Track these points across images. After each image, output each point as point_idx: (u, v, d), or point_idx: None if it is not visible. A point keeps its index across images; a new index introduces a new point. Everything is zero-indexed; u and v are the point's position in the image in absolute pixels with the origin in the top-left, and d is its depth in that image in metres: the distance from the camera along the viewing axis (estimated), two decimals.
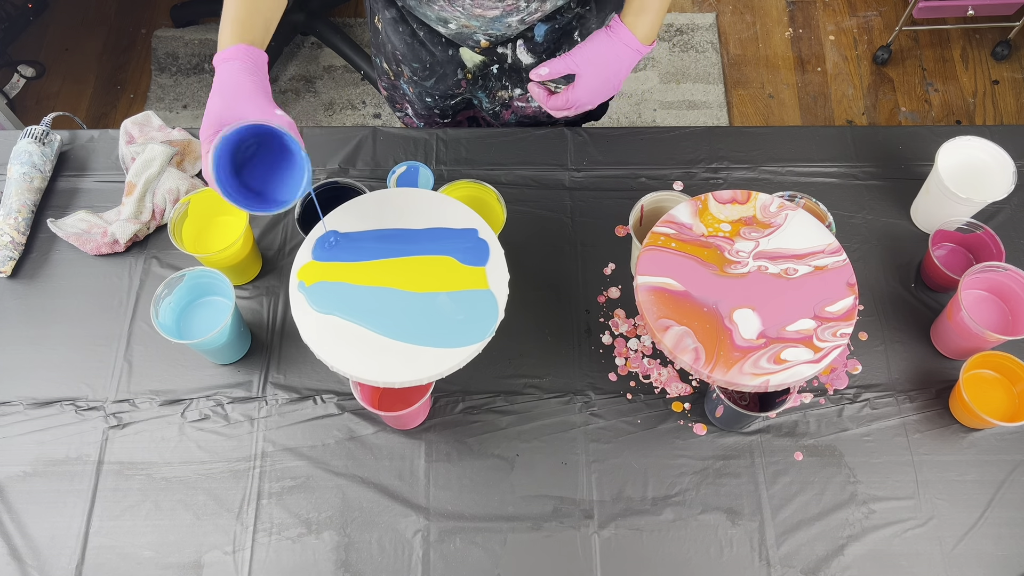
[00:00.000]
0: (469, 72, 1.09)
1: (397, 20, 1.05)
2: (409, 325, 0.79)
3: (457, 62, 1.07)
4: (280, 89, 2.23)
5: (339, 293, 0.80)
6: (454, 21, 0.97)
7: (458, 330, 0.79)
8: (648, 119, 2.18)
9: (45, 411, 0.92)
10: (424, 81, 1.11)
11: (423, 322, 0.79)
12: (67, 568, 0.84)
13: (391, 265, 0.82)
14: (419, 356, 0.77)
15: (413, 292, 0.81)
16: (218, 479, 0.88)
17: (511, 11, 0.93)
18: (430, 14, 0.98)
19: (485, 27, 0.97)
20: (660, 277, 0.83)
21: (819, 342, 0.79)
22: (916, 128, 1.11)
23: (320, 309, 0.79)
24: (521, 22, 0.97)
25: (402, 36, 1.06)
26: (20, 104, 2.18)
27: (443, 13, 0.96)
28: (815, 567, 0.84)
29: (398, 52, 1.09)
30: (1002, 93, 2.21)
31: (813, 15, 2.35)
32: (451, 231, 0.84)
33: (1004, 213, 1.03)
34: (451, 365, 0.77)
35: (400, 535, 0.86)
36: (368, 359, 0.77)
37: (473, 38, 1.01)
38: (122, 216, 1.00)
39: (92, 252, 1.00)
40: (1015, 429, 0.91)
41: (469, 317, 0.79)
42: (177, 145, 1.05)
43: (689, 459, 0.90)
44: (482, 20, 0.95)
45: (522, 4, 0.92)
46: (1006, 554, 0.85)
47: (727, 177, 1.07)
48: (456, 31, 1.00)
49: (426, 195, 0.88)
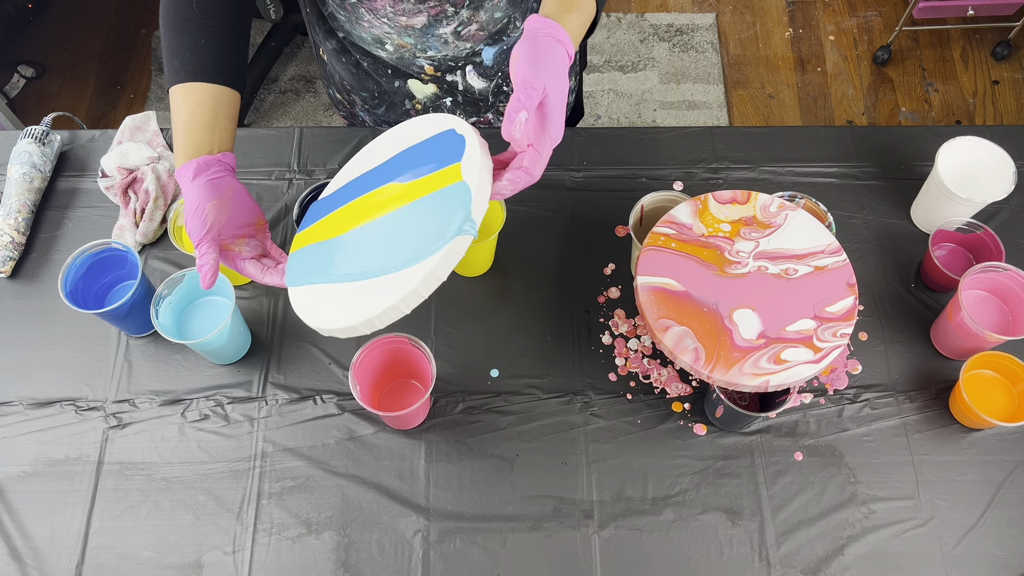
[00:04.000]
0: (419, 103, 1.05)
1: (339, 51, 1.02)
2: (371, 259, 0.67)
3: (405, 93, 1.04)
4: (280, 89, 2.23)
5: (305, 258, 0.74)
6: (388, 41, 0.93)
7: (425, 239, 0.64)
8: (648, 119, 2.18)
9: (45, 411, 0.92)
10: (375, 109, 1.09)
11: (383, 247, 0.67)
12: (67, 568, 0.84)
13: (354, 207, 0.73)
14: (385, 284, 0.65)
15: (371, 222, 0.70)
16: (218, 479, 0.88)
17: (438, 18, 0.89)
18: (364, 36, 0.94)
19: (420, 44, 0.93)
20: (660, 277, 0.83)
21: (819, 342, 0.79)
22: (916, 128, 1.11)
23: (292, 282, 0.73)
24: (458, 36, 0.93)
25: (347, 66, 1.03)
26: (20, 104, 2.18)
27: (373, 30, 0.92)
28: (815, 567, 0.84)
29: (346, 82, 1.07)
30: (1002, 93, 2.21)
31: (813, 15, 2.35)
32: (423, 144, 0.72)
33: (1004, 213, 1.03)
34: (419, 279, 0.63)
35: (400, 535, 0.86)
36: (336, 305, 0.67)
37: (416, 64, 0.97)
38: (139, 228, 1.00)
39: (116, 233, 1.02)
40: (1015, 429, 0.91)
41: (437, 220, 0.65)
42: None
43: (689, 459, 0.90)
44: (413, 34, 0.92)
45: (449, 9, 0.88)
46: (1006, 554, 0.85)
47: (727, 177, 1.07)
48: (395, 54, 0.96)
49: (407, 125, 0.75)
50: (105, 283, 0.96)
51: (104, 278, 0.95)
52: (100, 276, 0.94)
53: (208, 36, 0.78)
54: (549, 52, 0.67)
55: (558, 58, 0.67)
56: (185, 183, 0.74)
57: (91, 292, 0.94)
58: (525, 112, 0.63)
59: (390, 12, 0.88)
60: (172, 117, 0.78)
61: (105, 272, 0.94)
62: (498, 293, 0.99)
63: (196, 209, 0.73)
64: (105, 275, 0.95)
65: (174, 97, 0.78)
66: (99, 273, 0.94)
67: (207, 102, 0.77)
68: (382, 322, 0.65)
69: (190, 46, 0.78)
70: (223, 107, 0.78)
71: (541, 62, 0.66)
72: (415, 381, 0.92)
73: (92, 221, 1.03)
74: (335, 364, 0.94)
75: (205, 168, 0.74)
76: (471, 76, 1.00)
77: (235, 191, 0.76)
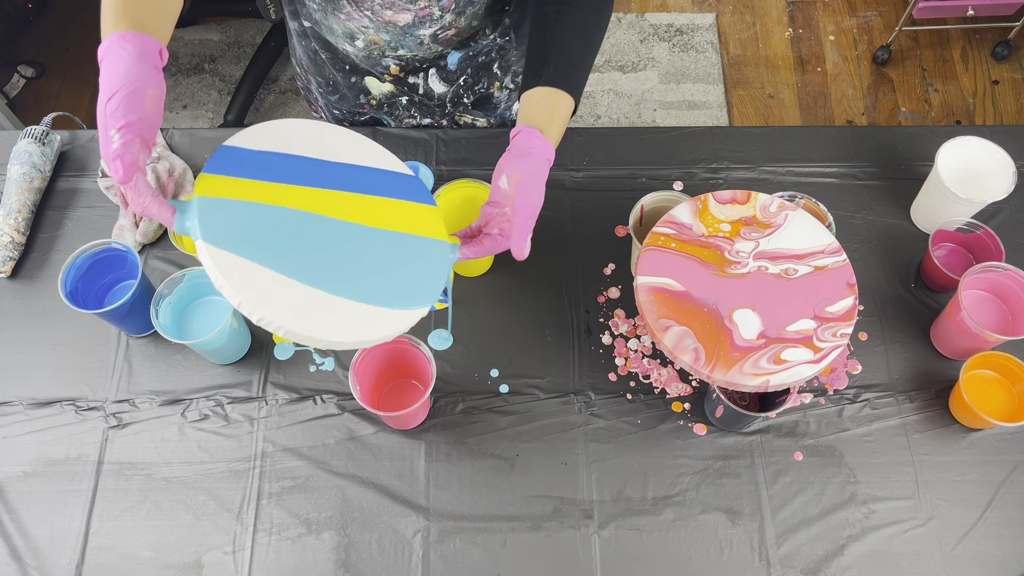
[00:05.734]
0: (374, 99, 1.04)
1: (301, 34, 1.01)
2: (347, 274, 0.61)
3: (360, 88, 1.03)
4: (280, 89, 2.23)
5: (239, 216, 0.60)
6: (361, 35, 0.90)
7: (399, 285, 0.61)
8: (648, 119, 2.18)
9: (45, 411, 0.92)
10: (329, 95, 1.08)
11: (362, 269, 0.61)
12: (67, 568, 0.84)
13: (307, 193, 0.64)
14: (349, 312, 0.60)
15: (346, 222, 0.62)
16: (218, 479, 0.88)
17: (424, 19, 0.88)
18: (336, 27, 0.91)
19: (395, 42, 0.92)
20: (660, 277, 0.83)
21: (819, 342, 0.79)
22: (916, 128, 1.11)
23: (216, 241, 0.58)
24: (434, 39, 0.92)
25: (305, 50, 1.03)
26: (20, 104, 2.18)
27: (350, 23, 0.89)
28: (815, 567, 0.84)
29: (303, 64, 1.06)
30: (1002, 93, 2.21)
31: (813, 15, 2.35)
32: (390, 174, 0.68)
33: (1004, 213, 1.03)
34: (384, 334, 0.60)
35: (400, 535, 0.86)
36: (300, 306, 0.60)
37: (382, 63, 0.96)
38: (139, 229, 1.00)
39: (115, 232, 1.01)
40: (1015, 429, 0.91)
41: (415, 269, 0.61)
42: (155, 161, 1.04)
43: (689, 459, 0.90)
44: (392, 32, 0.90)
45: (436, 12, 0.88)
46: (1006, 554, 0.85)
47: (727, 177, 1.07)
48: (364, 51, 0.94)
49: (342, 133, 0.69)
50: (105, 283, 0.96)
51: (104, 278, 0.95)
52: (100, 276, 0.94)
53: None
54: (540, 174, 0.73)
55: (544, 177, 0.74)
56: (118, 55, 0.60)
57: (91, 292, 0.94)
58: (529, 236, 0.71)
59: (377, 5, 0.87)
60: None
61: (105, 272, 0.94)
62: (498, 293, 0.99)
63: (134, 90, 0.58)
64: (105, 275, 0.95)
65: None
66: (99, 273, 0.94)
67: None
68: (344, 347, 0.63)
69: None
70: None
71: (539, 186, 0.72)
72: (415, 381, 0.92)
73: (92, 221, 1.03)
74: (336, 364, 0.94)
75: (151, 54, 0.62)
76: (433, 80, 1.00)
77: (162, 96, 0.63)
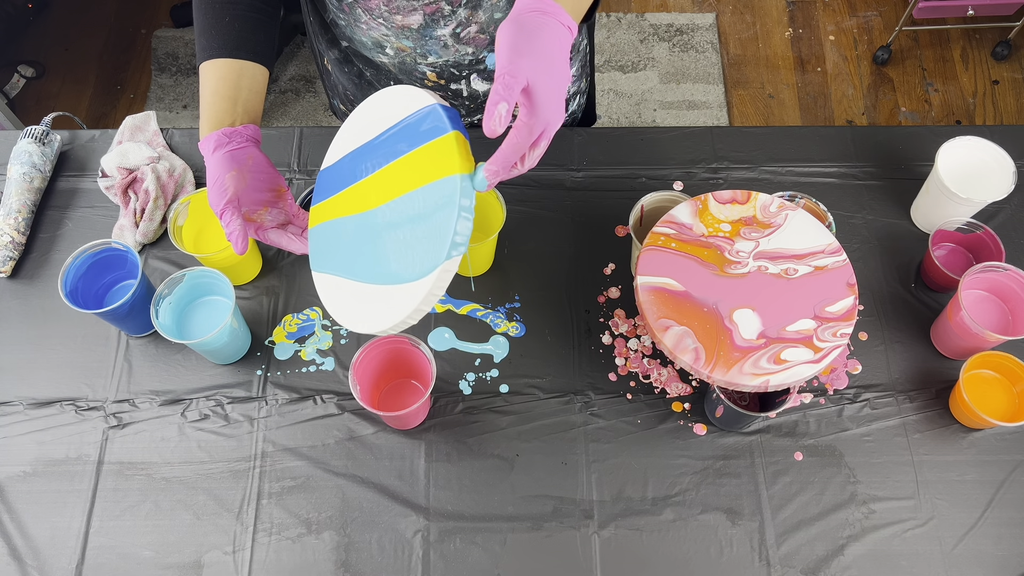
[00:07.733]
0: None
1: (342, 60, 1.02)
2: (360, 258, 0.64)
3: None
4: (280, 89, 2.23)
5: (324, 237, 0.71)
6: (387, 44, 0.93)
7: (404, 255, 0.59)
8: (648, 119, 2.18)
9: (45, 411, 0.92)
10: None
11: (369, 251, 0.63)
12: (67, 568, 0.84)
13: (358, 190, 0.68)
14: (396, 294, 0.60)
15: (372, 211, 0.65)
16: (218, 479, 0.88)
17: (435, 18, 0.88)
18: (364, 40, 0.94)
19: (420, 48, 0.92)
20: (660, 277, 0.83)
21: (819, 342, 0.79)
22: (916, 128, 1.11)
23: (316, 267, 0.71)
24: (457, 38, 0.91)
25: (349, 76, 1.04)
26: (20, 104, 2.18)
27: (371, 32, 0.92)
28: (815, 567, 0.84)
29: (349, 93, 1.07)
30: (1002, 93, 2.21)
31: (813, 15, 2.35)
32: (405, 123, 0.66)
33: (1004, 213, 1.03)
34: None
35: (400, 535, 0.86)
36: (357, 304, 0.65)
37: (418, 70, 0.96)
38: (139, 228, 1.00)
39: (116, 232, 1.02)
40: (1015, 429, 0.91)
41: (422, 231, 0.58)
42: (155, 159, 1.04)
43: (689, 459, 0.90)
44: (412, 36, 0.91)
45: (445, 8, 0.87)
46: (1006, 554, 0.85)
47: (727, 177, 1.07)
48: (396, 59, 0.95)
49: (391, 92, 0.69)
50: (105, 283, 0.96)
51: (104, 278, 0.95)
52: (100, 276, 0.94)
53: (232, 14, 0.80)
54: (533, 32, 0.61)
55: (547, 35, 0.61)
56: (206, 155, 0.76)
57: (91, 292, 0.94)
58: (505, 104, 0.58)
59: (384, 11, 0.88)
60: (200, 94, 0.80)
61: (105, 272, 0.94)
62: (498, 293, 0.99)
63: (216, 181, 0.75)
64: (105, 275, 0.95)
65: (201, 74, 0.80)
66: (99, 273, 0.94)
67: (229, 76, 0.79)
68: (399, 328, 0.64)
69: (215, 25, 0.80)
70: (246, 80, 0.80)
71: (522, 45, 0.60)
72: (415, 381, 0.92)
73: (92, 221, 1.03)
74: (336, 364, 0.94)
75: (225, 141, 0.76)
76: (476, 82, 1.00)
77: (254, 160, 0.77)
